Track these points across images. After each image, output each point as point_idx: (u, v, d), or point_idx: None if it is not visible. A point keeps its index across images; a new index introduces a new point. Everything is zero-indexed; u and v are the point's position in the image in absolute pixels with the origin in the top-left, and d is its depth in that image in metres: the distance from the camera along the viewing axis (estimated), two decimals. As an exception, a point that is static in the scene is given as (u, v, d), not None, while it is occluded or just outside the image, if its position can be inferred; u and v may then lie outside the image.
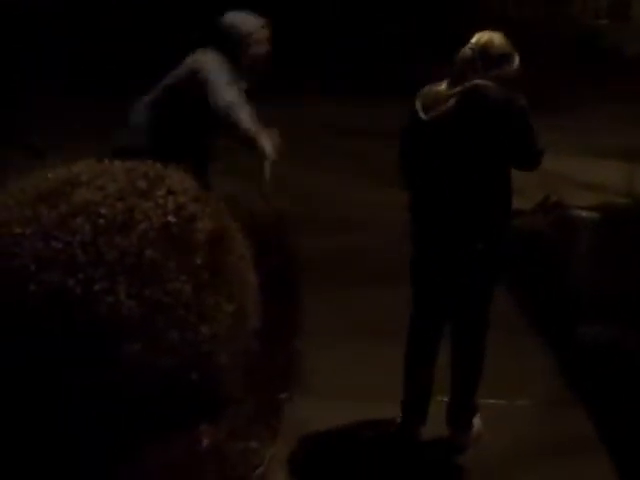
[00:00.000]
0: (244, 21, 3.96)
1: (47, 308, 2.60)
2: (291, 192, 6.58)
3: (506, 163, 3.44)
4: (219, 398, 3.01)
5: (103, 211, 2.76)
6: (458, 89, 3.39)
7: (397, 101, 10.38)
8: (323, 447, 3.36)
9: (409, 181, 3.59)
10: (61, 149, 5.18)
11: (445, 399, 3.53)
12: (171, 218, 2.76)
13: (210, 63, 3.84)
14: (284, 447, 3.26)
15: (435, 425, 3.48)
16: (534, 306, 4.64)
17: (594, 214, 5.69)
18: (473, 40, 3.47)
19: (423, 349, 3.56)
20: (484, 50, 3.43)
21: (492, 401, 3.71)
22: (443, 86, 3.47)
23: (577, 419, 3.64)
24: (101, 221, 2.73)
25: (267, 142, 3.70)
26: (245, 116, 3.69)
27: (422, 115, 3.46)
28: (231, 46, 3.90)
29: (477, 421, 3.57)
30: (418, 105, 3.48)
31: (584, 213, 5.73)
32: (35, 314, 2.62)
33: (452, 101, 3.37)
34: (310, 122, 9.39)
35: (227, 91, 3.73)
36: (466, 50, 3.45)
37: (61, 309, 2.61)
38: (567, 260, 5.19)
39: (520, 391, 3.84)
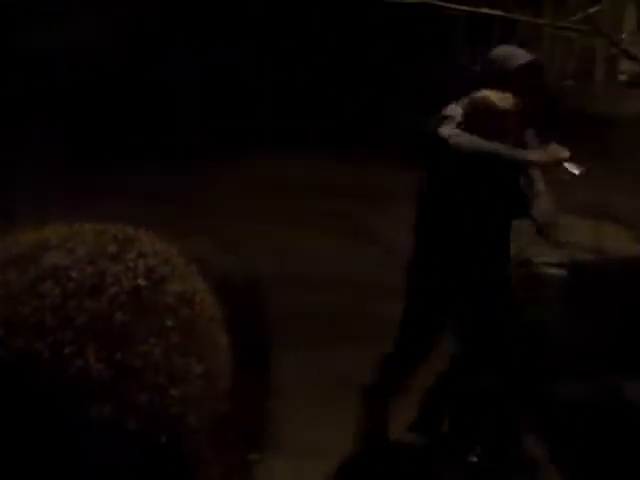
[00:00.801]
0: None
1: (15, 372, 2.60)
2: (274, 251, 6.64)
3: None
4: (189, 461, 2.99)
5: (73, 275, 2.77)
6: None
7: (381, 161, 10.53)
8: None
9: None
10: (31, 215, 5.21)
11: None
12: (141, 281, 2.77)
13: None
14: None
15: None
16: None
17: (562, 271, 5.77)
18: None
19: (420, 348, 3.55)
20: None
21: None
22: None
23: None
24: (71, 285, 2.73)
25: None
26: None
27: None
28: None
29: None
30: None
31: (553, 270, 5.81)
32: (2, 379, 2.61)
33: None
34: (294, 182, 9.49)
35: None
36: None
37: (29, 373, 2.61)
38: (536, 317, 5.23)
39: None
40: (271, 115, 13.47)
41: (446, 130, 3.68)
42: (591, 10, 5.89)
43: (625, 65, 16.82)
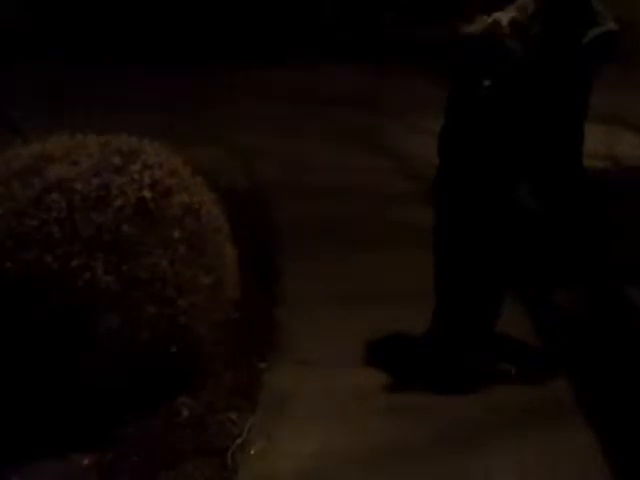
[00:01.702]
0: None
1: (25, 285, 2.62)
2: (274, 160, 6.57)
3: None
4: (198, 370, 3.04)
5: (78, 187, 2.77)
6: None
7: (389, 70, 10.29)
8: (304, 415, 3.39)
9: None
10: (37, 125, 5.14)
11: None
12: (147, 193, 2.76)
13: None
14: (264, 417, 3.28)
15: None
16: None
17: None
18: None
19: None
20: None
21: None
22: None
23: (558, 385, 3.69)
24: (76, 197, 2.73)
25: None
26: None
27: None
28: None
29: None
30: None
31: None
32: (13, 291, 2.63)
33: None
34: (294, 89, 9.36)
35: None
36: None
37: (39, 285, 2.62)
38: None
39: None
40: (273, 24, 13.22)
41: None
42: None
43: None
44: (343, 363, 3.67)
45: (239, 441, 2.92)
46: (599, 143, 6.53)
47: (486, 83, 3.41)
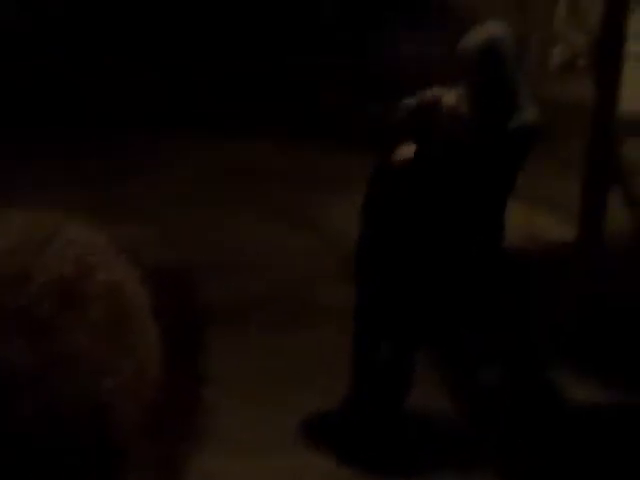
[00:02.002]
0: None
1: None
2: (200, 237, 6.55)
3: None
4: (119, 453, 2.95)
5: (-3, 264, 2.71)
6: None
7: (317, 147, 10.45)
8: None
9: None
10: None
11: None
12: (69, 270, 2.72)
13: None
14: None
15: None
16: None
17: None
18: None
19: None
20: None
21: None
22: None
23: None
24: (-5, 275, 2.67)
25: None
26: None
27: None
28: None
29: None
30: None
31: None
32: None
33: None
34: (217, 164, 9.40)
35: None
36: None
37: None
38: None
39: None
40: (206, 99, 13.38)
41: None
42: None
43: (559, 49, 17.09)
44: (273, 444, 3.61)
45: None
46: (518, 221, 6.71)
47: (419, 154, 3.49)
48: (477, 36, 3.48)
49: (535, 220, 7.03)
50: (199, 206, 7.78)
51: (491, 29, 3.55)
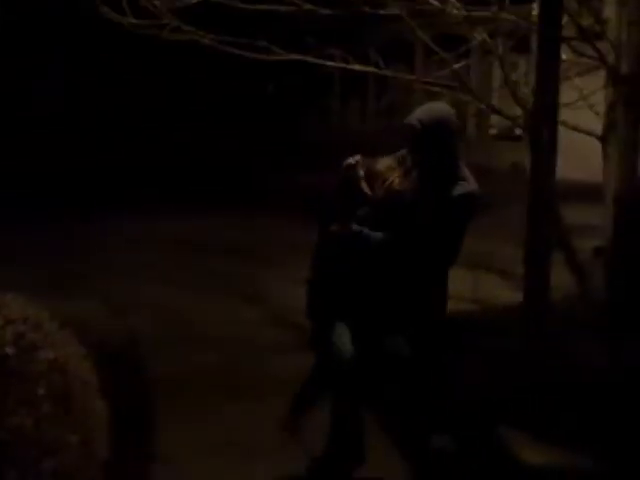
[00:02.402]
0: None
1: None
2: (147, 311, 6.47)
3: None
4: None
5: None
6: None
7: (262, 221, 10.44)
8: None
9: None
10: None
11: None
12: (9, 349, 2.65)
13: None
14: None
15: None
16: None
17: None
18: None
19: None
20: None
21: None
22: None
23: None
24: None
25: None
26: None
27: None
28: None
29: None
30: None
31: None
32: None
33: None
34: (174, 238, 9.37)
35: None
36: None
37: None
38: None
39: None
40: (154, 177, 13.49)
41: None
42: (456, 66, 6.10)
43: (495, 119, 17.53)
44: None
45: None
46: (465, 286, 6.78)
47: (355, 228, 3.56)
48: (429, 113, 3.63)
49: (480, 285, 7.12)
50: (149, 281, 7.73)
51: (438, 106, 3.72)
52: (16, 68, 15.31)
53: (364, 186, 3.63)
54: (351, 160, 3.66)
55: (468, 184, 3.66)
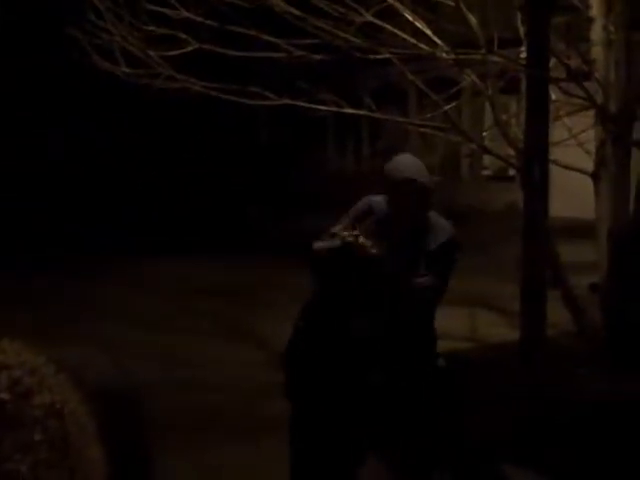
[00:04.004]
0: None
1: None
2: (145, 354, 6.47)
3: None
4: None
5: None
6: None
7: (256, 265, 10.47)
8: None
9: None
10: None
11: None
12: (5, 395, 2.64)
13: None
14: None
15: None
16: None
17: (441, 361, 5.87)
18: None
19: None
20: None
21: None
22: None
23: None
24: None
25: None
26: None
27: None
28: None
29: None
30: None
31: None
32: None
33: None
34: (167, 282, 9.39)
35: None
36: None
37: None
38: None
39: None
40: (146, 222, 13.57)
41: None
42: (448, 107, 6.16)
43: (488, 160, 17.64)
44: None
45: None
46: (462, 325, 6.79)
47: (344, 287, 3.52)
48: (423, 168, 3.55)
49: (476, 323, 7.13)
50: (144, 326, 7.74)
51: (417, 161, 3.64)
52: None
53: (370, 250, 3.50)
54: (349, 236, 3.52)
55: (448, 229, 3.65)
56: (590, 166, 5.95)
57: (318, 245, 3.52)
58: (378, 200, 3.62)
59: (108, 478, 3.17)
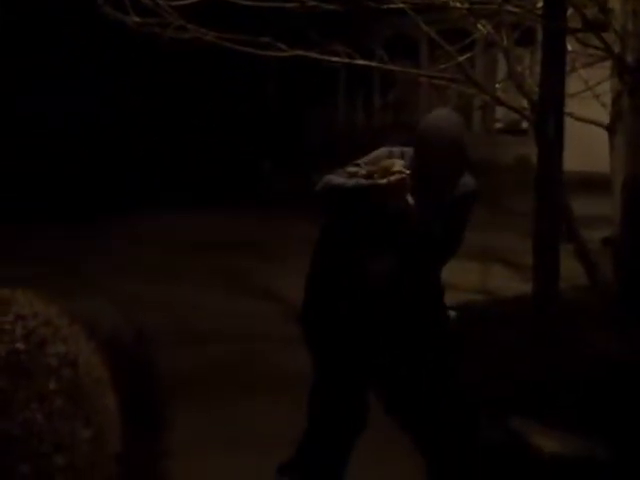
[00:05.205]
0: None
1: None
2: (155, 306, 6.50)
3: None
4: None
5: (-54, 341, 2.63)
6: None
7: (267, 217, 10.46)
8: None
9: None
10: None
11: None
12: (20, 345, 2.65)
13: None
14: None
15: None
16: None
17: (453, 312, 5.87)
18: None
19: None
20: None
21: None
22: None
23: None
24: (-57, 352, 2.59)
25: None
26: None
27: None
28: None
29: None
30: None
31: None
32: None
33: None
34: (179, 236, 9.41)
35: None
36: None
37: None
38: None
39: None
40: (155, 174, 13.56)
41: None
42: (461, 58, 6.09)
43: (500, 113, 17.49)
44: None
45: None
46: (474, 278, 6.78)
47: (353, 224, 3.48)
48: (446, 123, 3.46)
49: (489, 277, 7.12)
50: (158, 279, 7.77)
51: (451, 116, 3.55)
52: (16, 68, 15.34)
53: (409, 199, 3.43)
54: (399, 169, 3.43)
55: (469, 181, 3.60)
56: (606, 119, 5.88)
57: (350, 182, 3.44)
58: (397, 151, 3.56)
59: (122, 427, 3.18)
